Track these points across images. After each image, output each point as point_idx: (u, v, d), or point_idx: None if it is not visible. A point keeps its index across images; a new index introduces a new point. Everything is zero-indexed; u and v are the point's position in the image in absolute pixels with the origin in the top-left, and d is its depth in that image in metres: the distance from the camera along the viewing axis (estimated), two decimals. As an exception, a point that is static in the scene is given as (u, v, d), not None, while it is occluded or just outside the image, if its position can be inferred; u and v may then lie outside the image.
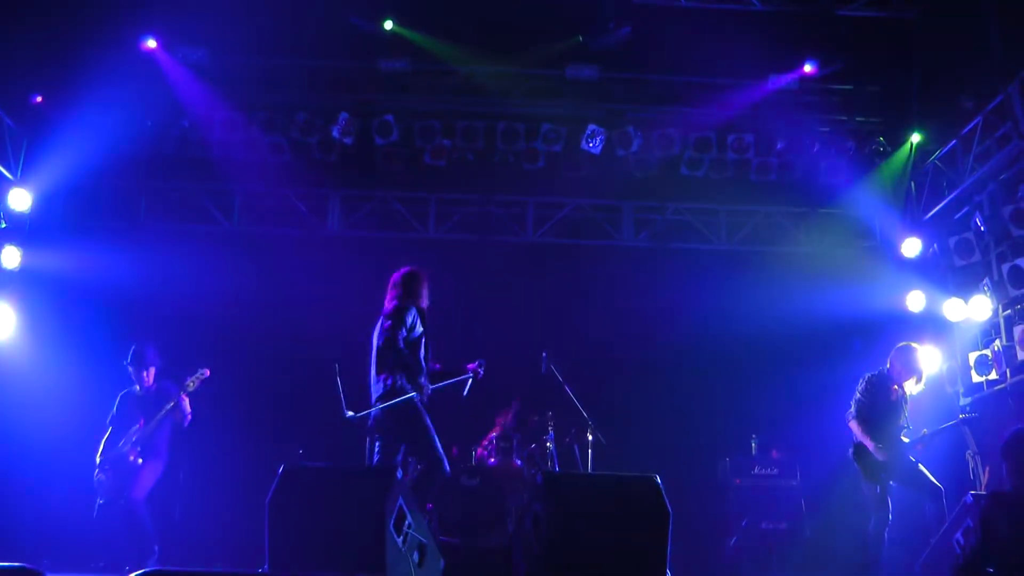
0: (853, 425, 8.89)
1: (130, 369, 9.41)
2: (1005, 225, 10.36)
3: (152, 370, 9.45)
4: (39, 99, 11.64)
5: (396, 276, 8.41)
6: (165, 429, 9.28)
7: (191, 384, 9.26)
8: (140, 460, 9.06)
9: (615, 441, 10.04)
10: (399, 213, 12.87)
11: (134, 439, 9.08)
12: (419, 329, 8.17)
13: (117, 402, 9.48)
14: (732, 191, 12.60)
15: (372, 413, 7.90)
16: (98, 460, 9.20)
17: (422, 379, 8.00)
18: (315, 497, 6.35)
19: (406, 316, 8.03)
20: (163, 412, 9.14)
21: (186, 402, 9.23)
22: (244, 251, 12.34)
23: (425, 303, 8.36)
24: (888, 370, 9.00)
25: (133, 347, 9.45)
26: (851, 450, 8.96)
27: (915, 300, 11.93)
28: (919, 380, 9.09)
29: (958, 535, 7.07)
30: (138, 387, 9.45)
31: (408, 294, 8.28)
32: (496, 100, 12.15)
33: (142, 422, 9.13)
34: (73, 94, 11.47)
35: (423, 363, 8.11)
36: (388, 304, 8.26)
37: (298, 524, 6.24)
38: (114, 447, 9.19)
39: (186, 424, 9.34)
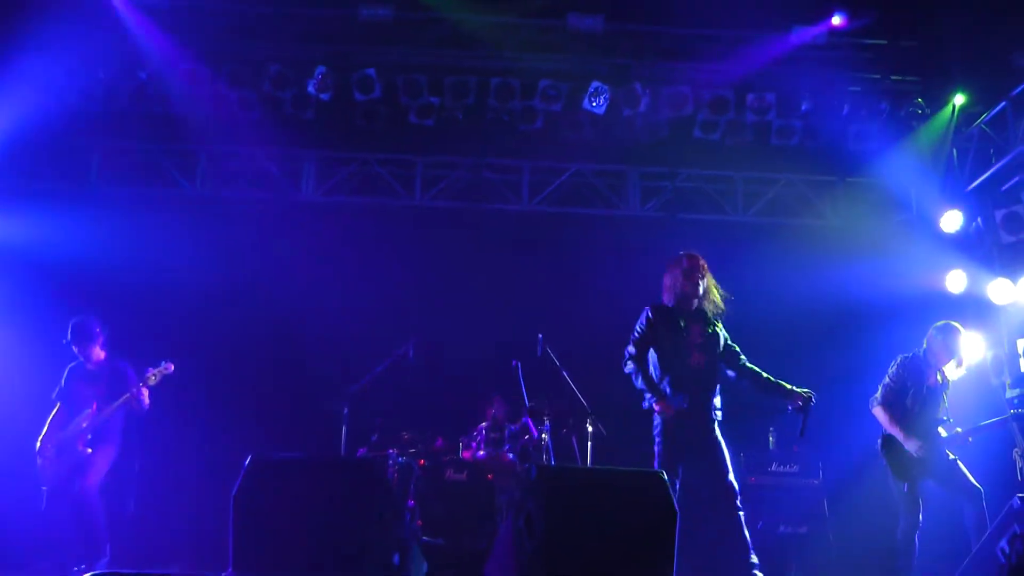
0: (877, 412, 8.89)
1: (74, 348, 9.33)
2: (1062, 198, 10.35)
3: (99, 343, 9.37)
4: (-27, 47, 11.53)
5: None
6: (119, 414, 9.24)
7: (152, 378, 9.19)
8: (90, 449, 9.01)
9: (617, 432, 10.02)
10: (381, 177, 12.79)
11: (84, 425, 9.02)
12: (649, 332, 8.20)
13: (65, 376, 9.44)
14: (750, 157, 12.52)
15: None
16: (39, 443, 9.13)
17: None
18: (286, 491, 6.34)
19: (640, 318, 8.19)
20: (119, 402, 9.09)
21: (145, 394, 9.17)
22: (207, 218, 12.29)
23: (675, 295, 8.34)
24: (924, 352, 8.99)
25: (73, 322, 9.36)
26: (879, 441, 8.95)
27: (955, 280, 11.80)
28: (959, 364, 9.08)
29: (1003, 543, 7.05)
30: (87, 363, 9.40)
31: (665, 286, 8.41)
32: (489, 53, 11.94)
33: (95, 407, 9.06)
34: (15, 40, 11.26)
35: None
36: None
37: (266, 521, 6.23)
38: (61, 428, 9.14)
39: (142, 413, 9.30)
